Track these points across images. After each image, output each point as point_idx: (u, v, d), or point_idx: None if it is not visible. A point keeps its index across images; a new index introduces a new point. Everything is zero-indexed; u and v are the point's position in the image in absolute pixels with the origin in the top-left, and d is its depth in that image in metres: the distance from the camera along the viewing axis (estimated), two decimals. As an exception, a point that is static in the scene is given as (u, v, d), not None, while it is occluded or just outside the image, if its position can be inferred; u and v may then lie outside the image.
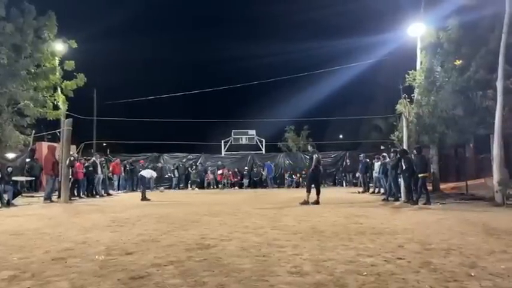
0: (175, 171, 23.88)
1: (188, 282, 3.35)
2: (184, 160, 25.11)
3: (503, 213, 8.76)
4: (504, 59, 10.96)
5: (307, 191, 11.19)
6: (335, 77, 28.50)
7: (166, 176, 24.23)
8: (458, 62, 13.32)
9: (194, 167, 24.36)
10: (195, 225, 6.97)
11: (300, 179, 23.46)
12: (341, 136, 35.24)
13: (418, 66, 14.25)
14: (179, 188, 23.41)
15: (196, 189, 22.95)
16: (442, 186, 16.91)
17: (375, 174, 16.61)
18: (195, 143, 28.91)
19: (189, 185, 23.70)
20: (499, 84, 11.04)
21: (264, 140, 27.96)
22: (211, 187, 23.76)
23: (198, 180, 23.77)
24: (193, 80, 37.20)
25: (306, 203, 10.87)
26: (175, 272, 3.69)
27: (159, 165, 24.05)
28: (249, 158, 25.86)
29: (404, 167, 11.86)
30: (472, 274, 3.47)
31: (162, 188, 22.88)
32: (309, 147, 13.76)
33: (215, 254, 4.47)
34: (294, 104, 32.30)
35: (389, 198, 12.70)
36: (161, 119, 27.15)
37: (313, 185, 11.37)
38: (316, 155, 11.55)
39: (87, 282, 3.38)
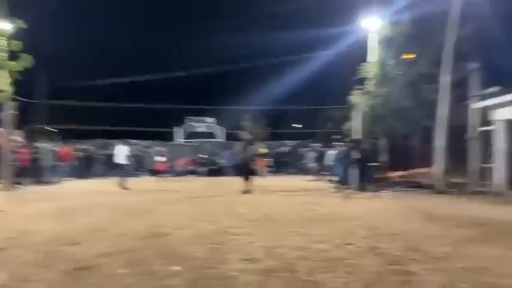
0: (129, 158, 23.08)
1: (138, 272, 3.28)
2: (137, 147, 24.43)
3: (444, 201, 9.33)
4: (450, 55, 11.56)
5: (244, 180, 10.95)
6: (293, 67, 28.77)
7: (118, 163, 23.42)
8: (407, 56, 13.88)
9: (147, 154, 23.76)
10: (149, 213, 6.83)
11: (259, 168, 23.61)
12: (297, 125, 35.78)
13: (372, 59, 14.70)
14: (132, 176, 22.76)
15: (150, 177, 22.44)
16: (391, 174, 17.70)
17: (329, 163, 17.07)
18: (150, 130, 28.19)
19: (142, 173, 23.11)
20: (444, 79, 11.66)
21: (223, 128, 27.81)
22: (166, 175, 23.29)
23: (152, 168, 23.18)
24: (153, 66, 36.02)
25: (247, 191, 10.69)
26: (125, 262, 3.60)
27: (110, 152, 23.22)
28: (207, 146, 25.64)
29: (356, 156, 12.27)
30: (414, 257, 3.67)
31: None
32: (245, 135, 13.24)
33: (168, 242, 4.41)
34: (254, 92, 32.32)
35: (341, 186, 13.12)
36: (114, 103, 26.15)
37: (246, 174, 11.10)
38: (249, 147, 11.19)
39: (29, 273, 3.22)
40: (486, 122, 12.34)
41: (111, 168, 20.61)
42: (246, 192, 10.56)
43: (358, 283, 2.94)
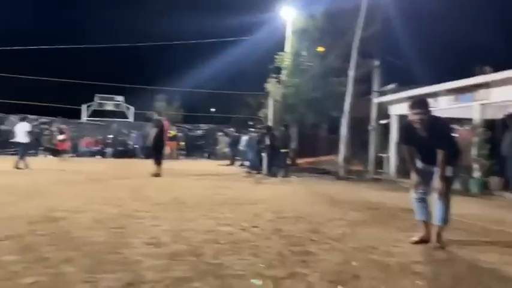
0: (29, 136, 20.80)
1: (27, 258, 2.98)
2: (35, 123, 22.19)
3: (344, 186, 10.09)
4: (357, 51, 12.41)
5: (156, 164, 10.46)
6: (211, 51, 28.46)
7: (13, 140, 21.05)
8: (321, 49, 14.59)
9: (48, 132, 21.73)
10: (44, 196, 6.25)
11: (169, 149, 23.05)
12: (213, 109, 35.62)
13: (287, 49, 15.15)
14: (29, 155, 20.67)
15: (50, 156, 20.61)
16: (299, 161, 18.61)
17: (241, 148, 17.32)
18: (50, 105, 25.79)
19: (41, 152, 21.14)
20: (351, 73, 12.51)
21: (132, 108, 26.50)
22: (67, 155, 21.58)
23: (52, 147, 21.26)
24: (56, 35, 32.55)
25: (157, 174, 10.25)
26: (12, 248, 3.25)
27: (3, 127, 20.80)
28: (114, 125, 24.27)
29: (268, 142, 12.63)
30: (314, 239, 3.90)
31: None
32: (154, 115, 12.15)
33: (64, 227, 4.08)
34: (169, 73, 31.26)
35: (252, 171, 13.43)
36: (8, 74, 23.31)
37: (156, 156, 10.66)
38: (158, 127, 10.54)
39: None
40: (386, 115, 13.57)
41: (4, 145, 18.52)
42: (155, 175, 10.21)
43: (261, 264, 3.02)
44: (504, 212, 6.32)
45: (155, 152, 10.95)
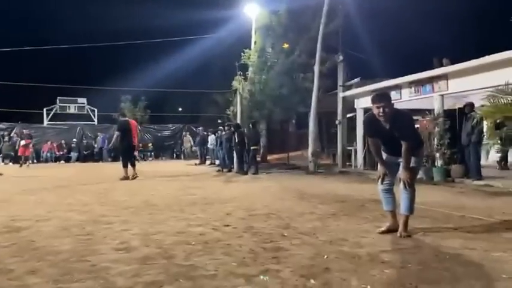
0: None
1: (-11, 272, 2.84)
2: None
3: (314, 180, 10.24)
4: (321, 47, 12.59)
5: (123, 167, 10.14)
6: (176, 48, 27.94)
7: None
8: (286, 46, 14.71)
9: (7, 138, 20.77)
10: (4, 205, 5.98)
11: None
12: (180, 109, 35.16)
13: (252, 46, 15.17)
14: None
15: (10, 163, 19.72)
16: (269, 157, 18.74)
17: (210, 147, 17.23)
18: (9, 110, 24.59)
19: (0, 159, 20.19)
20: (316, 69, 12.68)
21: (96, 110, 25.72)
22: (29, 162, 20.73)
23: (12, 153, 20.32)
24: (11, 35, 30.81)
25: (125, 178, 9.97)
26: (-29, 262, 3.08)
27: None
28: (78, 128, 23.50)
29: (237, 140, 12.62)
30: (285, 234, 3.93)
31: None
32: (118, 116, 11.83)
33: (27, 237, 3.91)
34: (133, 73, 30.45)
35: (222, 170, 13.39)
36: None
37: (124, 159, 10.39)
38: (118, 131, 10.26)
39: None
40: (352, 109, 13.86)
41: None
42: (123, 178, 9.97)
43: (233, 263, 3.02)
44: (465, 198, 6.61)
45: (122, 154, 10.69)
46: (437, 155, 9.52)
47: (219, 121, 20.31)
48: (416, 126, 5.80)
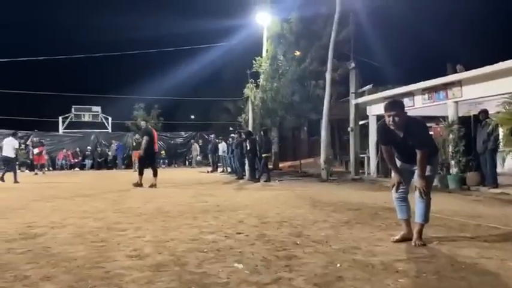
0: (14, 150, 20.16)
1: (6, 278, 2.88)
2: (10, 138, 21.59)
3: (326, 188, 10.18)
4: (333, 54, 12.58)
5: (139, 174, 10.21)
6: (188, 57, 28.29)
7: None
8: (297, 53, 14.74)
9: (23, 146, 21.16)
10: (20, 212, 6.08)
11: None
12: (193, 116, 35.41)
13: (264, 54, 15.24)
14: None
15: (27, 171, 20.08)
16: (281, 164, 18.71)
17: (221, 154, 17.29)
18: (25, 119, 25.10)
19: (17, 167, 20.54)
20: (328, 76, 12.66)
21: (109, 118, 26.08)
22: (44, 169, 21.08)
23: (28, 161, 20.73)
24: (27, 45, 31.56)
25: (139, 185, 9.98)
26: (-11, 268, 3.14)
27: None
28: (92, 136, 23.84)
29: (249, 147, 12.64)
30: (298, 242, 3.91)
31: None
32: (142, 123, 12.03)
33: (43, 243, 3.97)
34: (145, 81, 30.86)
35: (234, 177, 13.41)
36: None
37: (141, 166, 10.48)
38: (147, 136, 10.26)
39: None
40: (364, 116, 13.79)
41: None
42: (136, 185, 10.05)
43: (246, 271, 3.01)
44: (481, 206, 6.49)
45: (145, 161, 10.68)
46: (452, 162, 9.39)
47: (231, 128, 20.38)
48: (430, 133, 5.74)
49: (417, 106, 10.83)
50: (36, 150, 18.22)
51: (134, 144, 20.25)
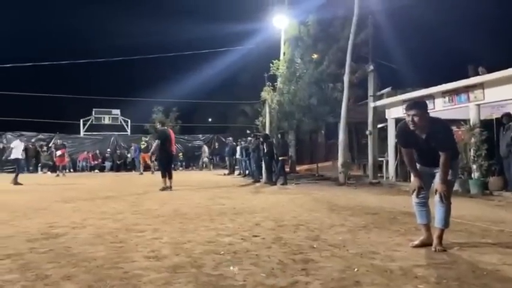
0: (23, 152, 20.79)
1: (28, 277, 2.96)
2: (33, 140, 22.20)
3: (344, 191, 10.08)
4: (351, 56, 12.48)
5: (162, 176, 10.13)
6: (206, 60, 28.50)
7: (11, 158, 21.01)
8: (315, 56, 14.68)
9: (46, 148, 21.73)
10: (42, 212, 6.23)
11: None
12: (210, 119, 35.65)
13: (281, 57, 15.23)
14: (28, 172, 20.65)
15: (49, 172, 20.58)
16: (298, 168, 18.63)
17: (238, 157, 17.34)
18: (48, 121, 25.73)
19: (39, 168, 21.10)
20: (346, 79, 12.56)
21: (129, 120, 26.51)
22: (65, 171, 21.55)
23: (50, 163, 21.24)
24: (51, 50, 32.43)
25: (165, 188, 9.88)
26: (12, 267, 3.23)
27: (1, 145, 20.79)
28: (112, 139, 24.26)
29: (265, 150, 12.64)
30: (315, 246, 3.88)
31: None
32: (158, 125, 11.96)
33: (63, 243, 4.06)
34: (164, 84, 31.27)
35: (251, 180, 13.41)
36: (5, 91, 23.26)
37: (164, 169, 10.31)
38: (158, 140, 10.19)
39: None
40: (382, 119, 13.62)
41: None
42: (163, 189, 9.81)
43: (262, 274, 3.01)
44: (503, 212, 6.32)
45: (160, 164, 10.72)
46: (474, 166, 9.17)
47: (248, 131, 20.42)
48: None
49: (437, 109, 10.63)
50: (58, 152, 18.67)
51: (142, 146, 20.59)
